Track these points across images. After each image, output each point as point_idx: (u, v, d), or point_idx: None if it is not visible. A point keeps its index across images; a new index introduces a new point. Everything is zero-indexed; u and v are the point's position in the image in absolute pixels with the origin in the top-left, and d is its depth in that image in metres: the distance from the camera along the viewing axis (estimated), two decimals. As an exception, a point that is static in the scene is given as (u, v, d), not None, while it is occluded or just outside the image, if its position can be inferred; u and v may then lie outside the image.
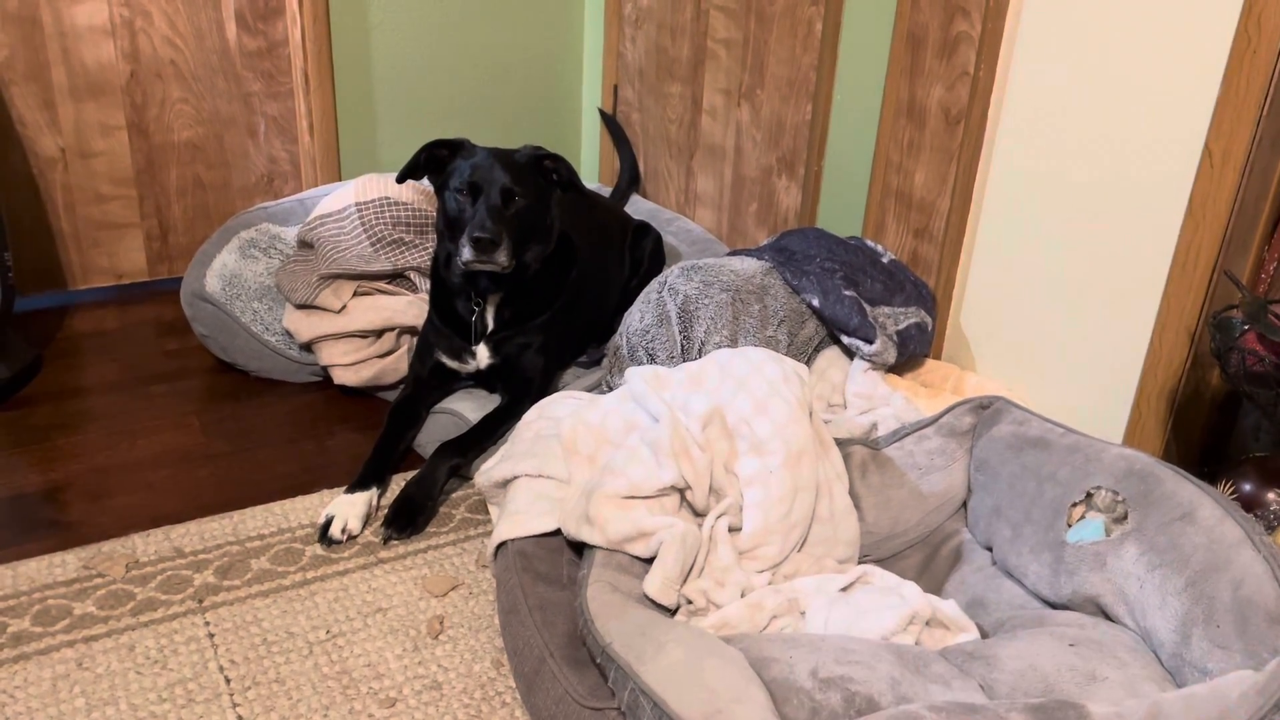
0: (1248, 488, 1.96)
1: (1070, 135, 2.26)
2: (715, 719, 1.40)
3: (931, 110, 2.51)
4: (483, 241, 2.25)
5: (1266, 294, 2.09)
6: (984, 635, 1.76)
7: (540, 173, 2.42)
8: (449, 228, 2.38)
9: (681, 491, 1.86)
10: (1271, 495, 1.93)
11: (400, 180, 2.45)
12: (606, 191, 3.56)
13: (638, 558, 1.78)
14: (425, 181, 2.49)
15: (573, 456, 1.97)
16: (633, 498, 1.82)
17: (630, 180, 3.59)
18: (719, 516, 1.86)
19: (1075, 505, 1.80)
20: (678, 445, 1.86)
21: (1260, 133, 1.95)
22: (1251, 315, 1.84)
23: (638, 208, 3.47)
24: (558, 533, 1.92)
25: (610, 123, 3.67)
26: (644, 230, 3.03)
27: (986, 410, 2.16)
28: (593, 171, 3.88)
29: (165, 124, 3.17)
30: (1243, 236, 2.05)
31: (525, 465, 2.03)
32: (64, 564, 2.07)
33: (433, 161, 2.40)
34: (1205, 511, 1.64)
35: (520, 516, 1.95)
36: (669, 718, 1.42)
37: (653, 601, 1.73)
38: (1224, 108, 1.96)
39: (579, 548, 1.93)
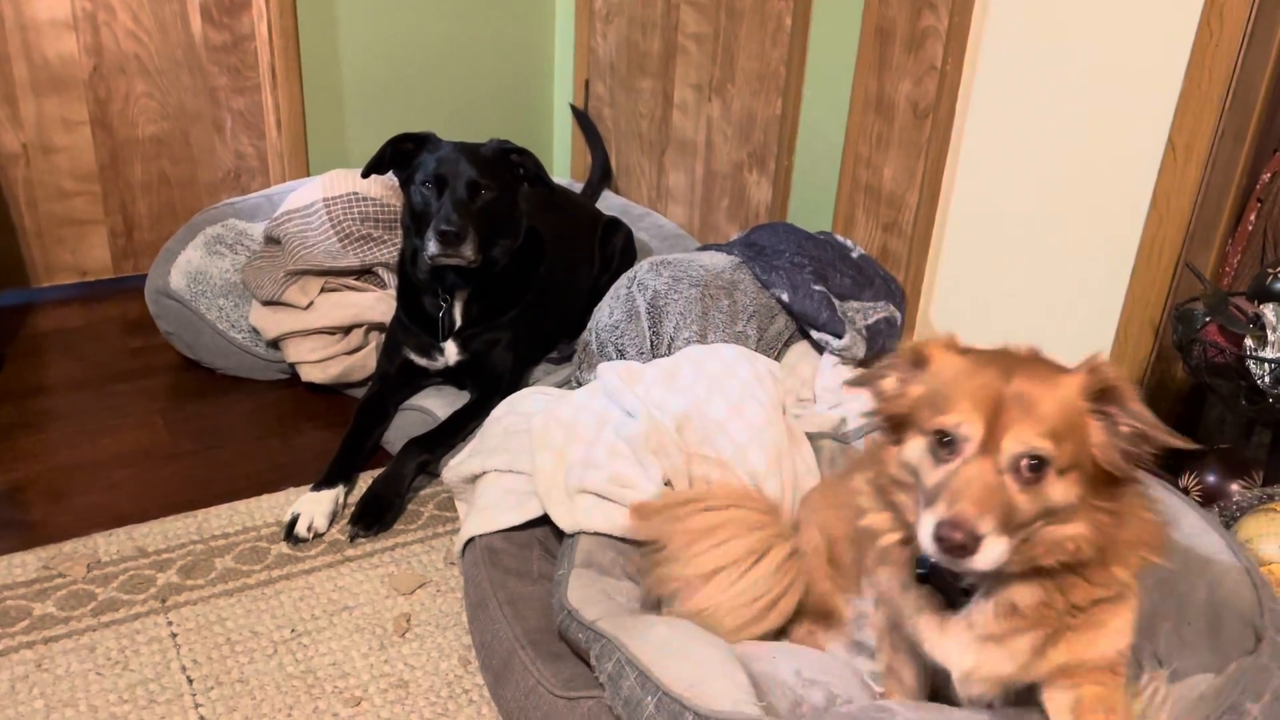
0: (1211, 479, 1.97)
1: (1036, 129, 2.27)
2: (696, 688, 1.41)
3: (900, 105, 2.51)
4: (448, 235, 2.24)
5: (1230, 287, 2.11)
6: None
7: (507, 166, 2.41)
8: (415, 222, 2.36)
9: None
10: (1235, 487, 1.94)
11: (365, 175, 2.43)
12: (578, 187, 3.55)
13: (616, 560, 1.78)
14: (392, 176, 2.47)
15: (542, 451, 1.96)
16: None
17: (601, 176, 3.58)
18: None
19: None
20: (655, 442, 1.86)
21: (1223, 126, 1.97)
22: (1213, 307, 1.85)
23: (609, 203, 3.46)
24: (527, 526, 1.91)
25: (581, 118, 3.66)
26: (614, 226, 3.02)
27: (954, 404, 2.17)
28: (564, 167, 3.86)
29: (129, 119, 3.13)
30: (1206, 230, 2.07)
31: (495, 460, 2.02)
32: (24, 564, 2.04)
33: (398, 155, 2.38)
34: (1188, 521, 1.66)
35: (490, 511, 1.93)
36: (651, 684, 1.43)
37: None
38: (1187, 101, 1.98)
39: (549, 543, 1.92)
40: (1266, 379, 1.76)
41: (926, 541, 1.17)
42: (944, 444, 1.21)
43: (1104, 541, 1.24)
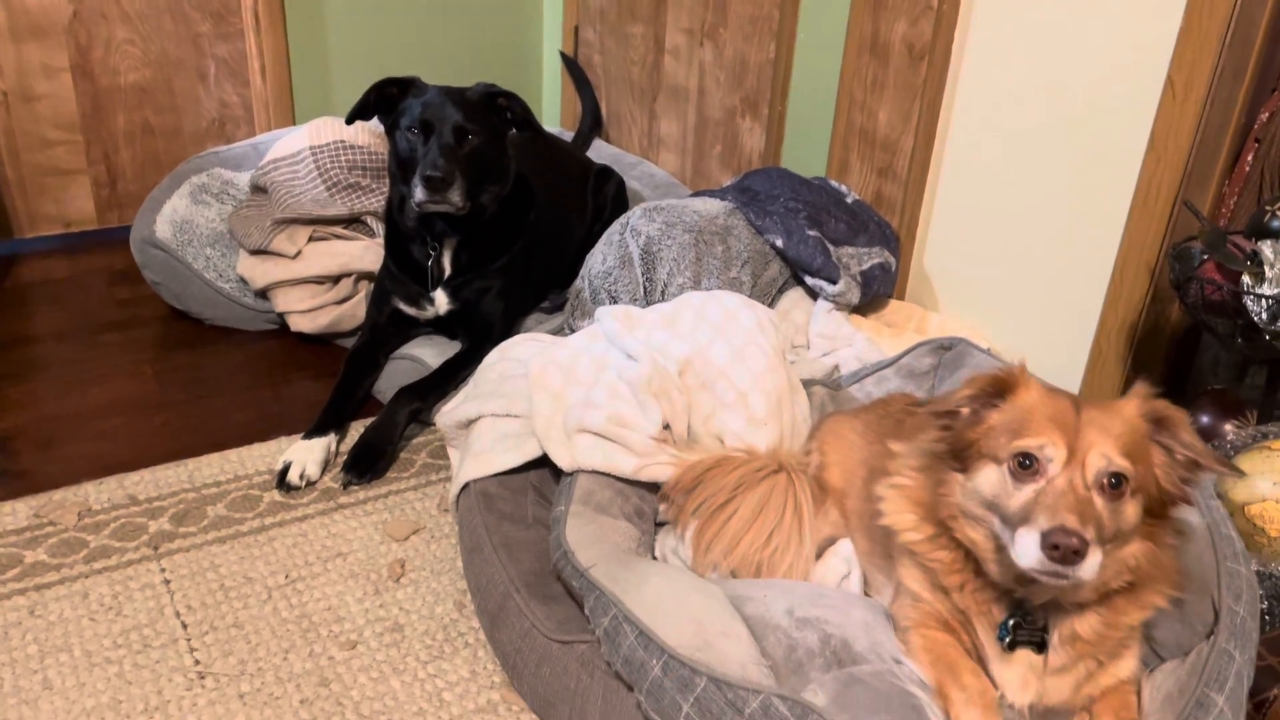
0: (1205, 420, 1.97)
1: (1034, 69, 2.24)
2: (704, 651, 1.40)
3: (895, 46, 2.48)
4: (434, 180, 2.20)
5: (1227, 229, 2.09)
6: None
7: (494, 110, 2.37)
8: (401, 169, 2.33)
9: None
10: (1228, 427, 1.94)
11: (350, 121, 2.39)
12: (569, 136, 3.50)
13: (614, 500, 1.78)
14: (378, 123, 2.43)
15: (539, 393, 1.94)
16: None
17: (592, 125, 3.53)
18: None
19: None
20: (657, 385, 1.85)
21: (1222, 64, 1.94)
22: (1211, 244, 1.84)
23: (600, 152, 3.41)
24: (522, 469, 1.90)
25: (571, 66, 3.60)
26: (606, 174, 2.98)
27: (948, 352, 2.16)
28: (554, 116, 3.81)
29: (111, 66, 3.07)
30: (1203, 169, 2.05)
31: (491, 405, 2.00)
32: (14, 513, 2.02)
33: (383, 101, 2.34)
34: None
35: (486, 455, 1.93)
36: (655, 645, 1.42)
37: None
38: (1186, 38, 1.95)
39: (544, 488, 1.92)
40: (1264, 315, 1.75)
41: (1034, 554, 1.20)
42: (1025, 467, 1.26)
43: (1156, 557, 1.31)
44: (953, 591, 1.38)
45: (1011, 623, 1.34)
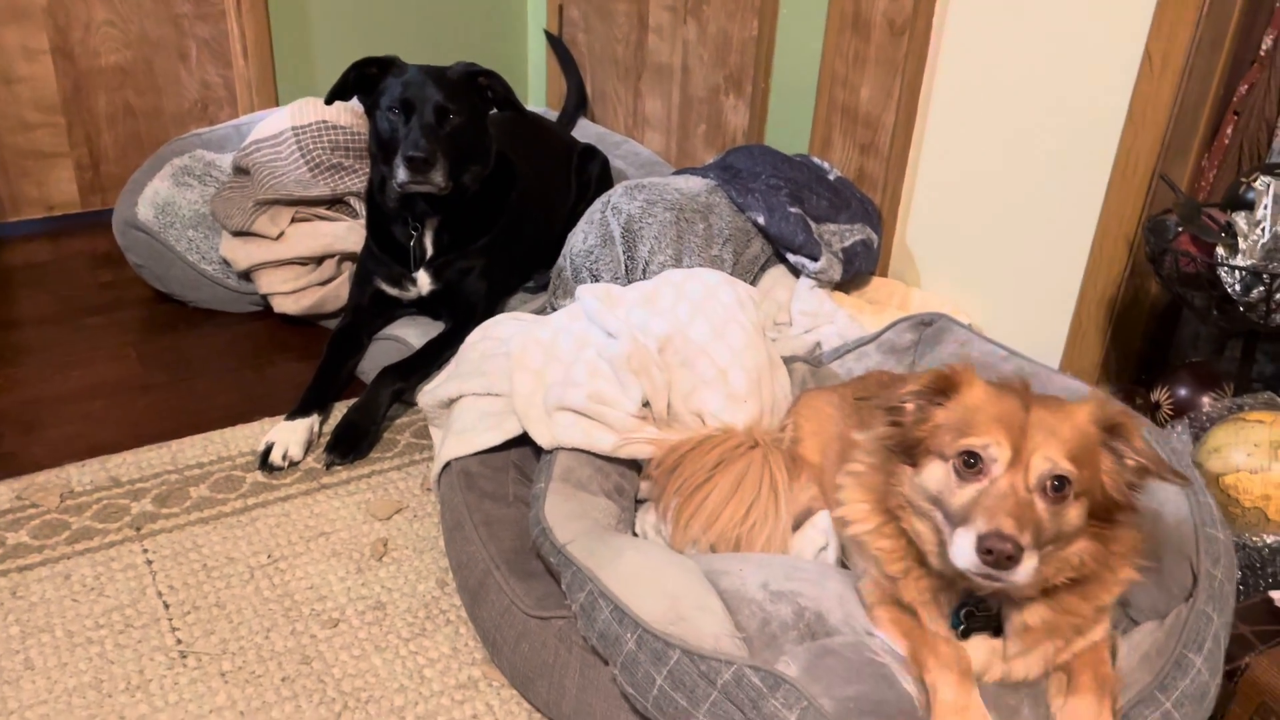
0: (1183, 392, 1.98)
1: (1013, 43, 2.23)
2: (678, 625, 1.41)
3: (876, 21, 2.47)
4: (417, 161, 2.20)
5: (1206, 200, 2.09)
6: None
7: (474, 90, 2.36)
8: (382, 149, 2.32)
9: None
10: (1205, 399, 1.95)
11: (329, 101, 2.38)
12: (554, 115, 3.49)
13: (594, 477, 1.79)
14: (357, 103, 2.42)
15: (519, 372, 1.95)
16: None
17: (577, 104, 3.52)
18: None
19: None
20: (637, 363, 1.85)
21: (1200, 35, 1.93)
22: (1185, 217, 1.84)
23: (585, 131, 3.41)
24: (503, 447, 1.91)
25: (556, 44, 3.58)
26: (590, 153, 2.97)
27: (929, 328, 2.16)
28: (540, 95, 3.80)
29: (91, 48, 3.05)
30: (1182, 142, 2.05)
31: (472, 384, 2.01)
32: (-4, 495, 2.03)
33: (363, 80, 2.32)
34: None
35: (467, 434, 1.93)
36: (629, 619, 1.43)
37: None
38: (1164, 9, 1.94)
39: (525, 466, 1.93)
40: (1237, 287, 1.76)
41: (969, 555, 1.20)
42: (969, 465, 1.25)
43: (1104, 557, 1.30)
44: (897, 579, 1.39)
45: (964, 611, 1.35)
